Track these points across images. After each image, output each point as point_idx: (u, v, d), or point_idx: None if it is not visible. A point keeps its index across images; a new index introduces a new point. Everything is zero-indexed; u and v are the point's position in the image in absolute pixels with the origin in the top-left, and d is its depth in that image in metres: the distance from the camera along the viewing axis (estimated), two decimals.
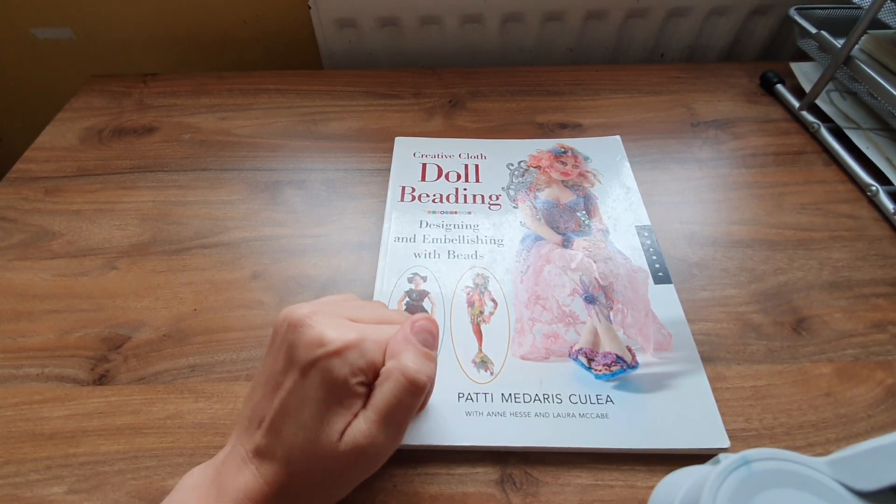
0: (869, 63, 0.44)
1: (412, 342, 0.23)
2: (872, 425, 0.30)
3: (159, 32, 0.62)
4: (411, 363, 0.22)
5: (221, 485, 0.22)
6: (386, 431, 0.22)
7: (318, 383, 0.22)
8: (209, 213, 0.42)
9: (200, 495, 0.22)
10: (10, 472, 0.28)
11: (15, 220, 0.42)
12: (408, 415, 0.22)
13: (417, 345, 0.23)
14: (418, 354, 0.22)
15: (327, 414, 0.21)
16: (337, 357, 0.21)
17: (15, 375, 0.32)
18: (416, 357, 0.22)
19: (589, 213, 0.41)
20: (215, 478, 0.23)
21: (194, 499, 0.22)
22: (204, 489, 0.22)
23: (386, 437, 0.22)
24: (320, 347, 0.22)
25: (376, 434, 0.21)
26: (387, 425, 0.22)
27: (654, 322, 0.34)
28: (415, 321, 0.23)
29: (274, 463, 0.22)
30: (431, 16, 0.58)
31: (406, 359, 0.22)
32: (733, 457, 0.20)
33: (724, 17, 0.60)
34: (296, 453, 0.22)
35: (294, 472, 0.22)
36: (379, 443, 0.22)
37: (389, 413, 0.22)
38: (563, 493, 0.28)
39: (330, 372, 0.21)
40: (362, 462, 0.22)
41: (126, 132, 0.50)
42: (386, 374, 0.22)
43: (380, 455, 0.22)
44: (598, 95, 0.53)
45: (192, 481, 0.23)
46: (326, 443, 0.21)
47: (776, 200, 0.43)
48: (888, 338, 0.34)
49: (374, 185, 0.44)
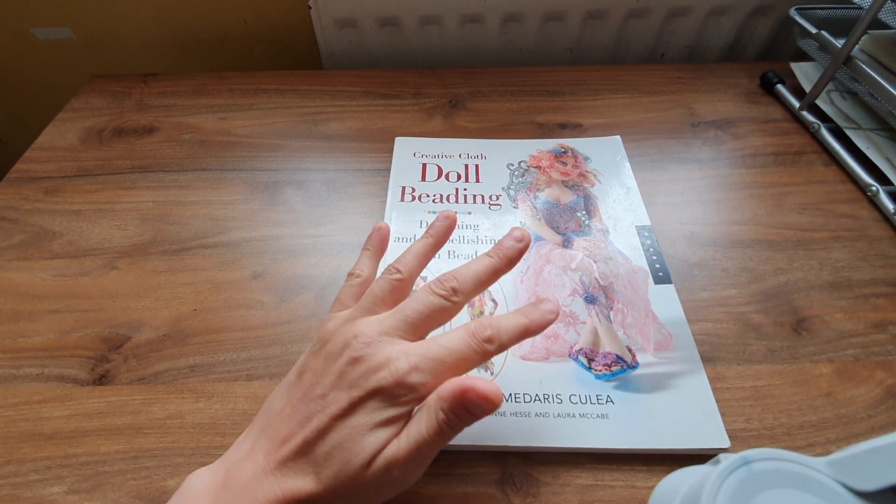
0: (869, 63, 0.44)
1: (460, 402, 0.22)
2: (872, 425, 0.30)
3: (159, 32, 0.62)
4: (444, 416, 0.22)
5: (236, 492, 0.22)
6: (415, 460, 0.22)
7: (368, 411, 0.22)
8: (209, 214, 0.42)
9: (210, 501, 0.22)
10: (10, 472, 0.28)
11: (15, 221, 0.42)
12: (432, 453, 0.23)
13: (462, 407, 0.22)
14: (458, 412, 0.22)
15: (367, 436, 0.22)
16: (396, 387, 0.22)
17: (15, 375, 0.32)
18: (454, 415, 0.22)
19: (589, 214, 0.41)
20: (226, 482, 0.22)
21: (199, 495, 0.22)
22: (213, 494, 0.22)
23: (415, 464, 0.22)
24: (379, 375, 0.22)
25: (406, 461, 0.22)
26: (417, 455, 0.22)
27: (655, 322, 0.34)
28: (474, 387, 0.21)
29: (299, 479, 0.22)
30: (431, 16, 0.58)
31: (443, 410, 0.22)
32: (733, 457, 0.20)
33: (724, 17, 0.60)
34: (326, 474, 0.22)
35: (318, 491, 0.22)
36: (408, 469, 0.22)
37: (419, 447, 0.22)
38: (563, 493, 0.28)
39: (392, 397, 0.22)
40: (391, 484, 0.22)
41: (126, 132, 0.50)
42: (426, 407, 0.22)
43: (409, 478, 0.23)
44: (598, 95, 0.53)
45: (199, 483, 0.23)
46: (361, 463, 0.21)
47: (776, 200, 0.43)
48: (888, 338, 0.34)
49: (374, 186, 0.44)
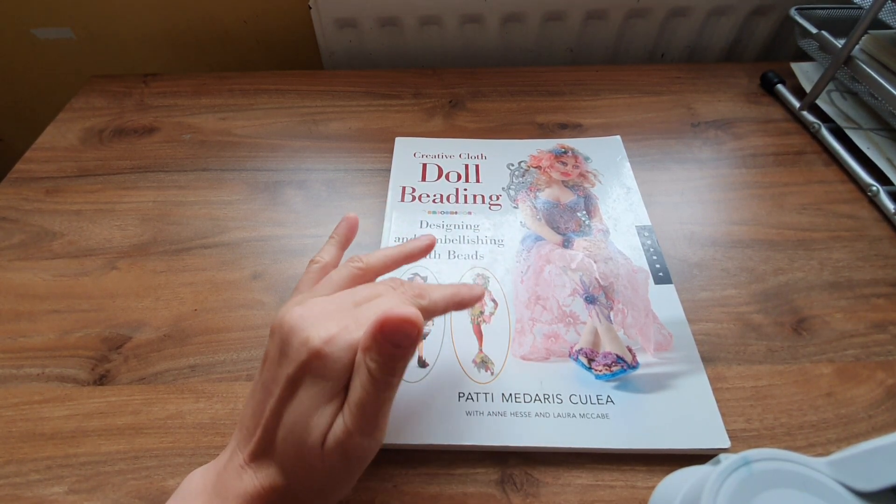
0: (869, 63, 0.44)
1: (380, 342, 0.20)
2: (873, 426, 0.30)
3: (159, 32, 0.62)
4: (375, 364, 0.20)
5: (221, 490, 0.22)
6: (364, 427, 0.21)
7: (308, 387, 0.21)
8: (209, 214, 0.42)
9: (203, 501, 0.22)
10: (10, 472, 0.28)
11: (16, 221, 0.42)
12: (381, 408, 0.21)
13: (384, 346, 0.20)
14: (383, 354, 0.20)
15: (313, 417, 0.21)
16: (322, 359, 0.21)
17: (15, 375, 0.33)
18: (381, 357, 0.21)
19: (589, 214, 0.41)
20: (217, 482, 0.23)
21: (195, 493, 0.23)
22: (206, 495, 0.22)
23: (365, 432, 0.21)
24: (305, 351, 0.21)
25: (354, 431, 0.21)
26: (364, 421, 0.21)
27: (655, 322, 0.34)
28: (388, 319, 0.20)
29: (270, 468, 0.22)
30: (431, 16, 0.58)
31: (371, 358, 0.21)
32: (734, 457, 0.20)
33: (725, 17, 0.60)
34: (288, 459, 0.22)
35: (288, 477, 0.22)
36: (359, 440, 0.21)
37: (363, 409, 0.21)
38: (564, 494, 0.28)
39: (316, 374, 0.21)
40: (348, 462, 0.22)
41: (126, 132, 0.50)
42: (356, 369, 0.21)
43: (364, 451, 0.22)
44: (599, 95, 0.53)
45: (193, 486, 0.23)
46: (312, 446, 0.21)
47: (776, 200, 0.43)
48: (889, 338, 0.34)
49: (375, 186, 0.44)
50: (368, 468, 0.28)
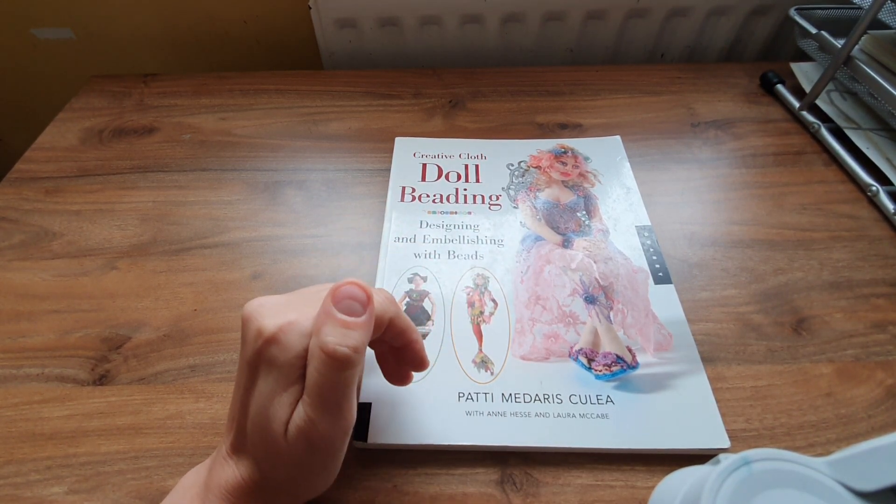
0: (869, 63, 0.44)
1: (331, 314, 0.20)
2: (873, 425, 0.30)
3: (159, 32, 0.62)
4: (330, 337, 0.20)
5: (210, 483, 0.23)
6: (324, 413, 0.20)
7: (264, 374, 0.21)
8: (209, 214, 0.42)
9: (193, 494, 0.23)
10: (10, 472, 0.28)
11: (15, 221, 0.42)
12: (341, 391, 0.21)
13: (336, 316, 0.20)
14: (336, 325, 0.20)
15: (273, 406, 0.21)
16: (274, 344, 0.21)
17: (15, 375, 0.33)
18: (335, 329, 0.20)
19: (589, 214, 0.41)
20: (208, 476, 0.23)
21: (188, 499, 0.23)
22: (197, 488, 0.23)
23: (326, 419, 0.20)
24: (260, 339, 0.21)
25: (315, 418, 0.20)
26: (324, 407, 0.20)
27: (655, 322, 0.34)
28: (336, 288, 0.21)
29: (246, 459, 0.22)
30: (431, 16, 0.58)
31: (325, 333, 0.20)
32: (733, 457, 0.20)
33: (724, 17, 0.60)
34: (257, 450, 0.22)
35: (262, 467, 0.22)
36: (321, 427, 0.20)
37: (321, 394, 0.20)
38: (564, 494, 0.28)
39: (273, 362, 0.21)
40: (314, 451, 0.21)
41: (126, 132, 0.50)
42: (310, 354, 0.21)
43: (329, 439, 0.21)
44: (599, 96, 0.53)
45: (188, 482, 0.24)
46: (275, 436, 0.21)
47: (776, 200, 0.43)
48: (888, 338, 0.34)
49: (374, 186, 0.44)
50: (368, 468, 0.28)
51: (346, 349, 0.20)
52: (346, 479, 0.28)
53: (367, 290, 0.21)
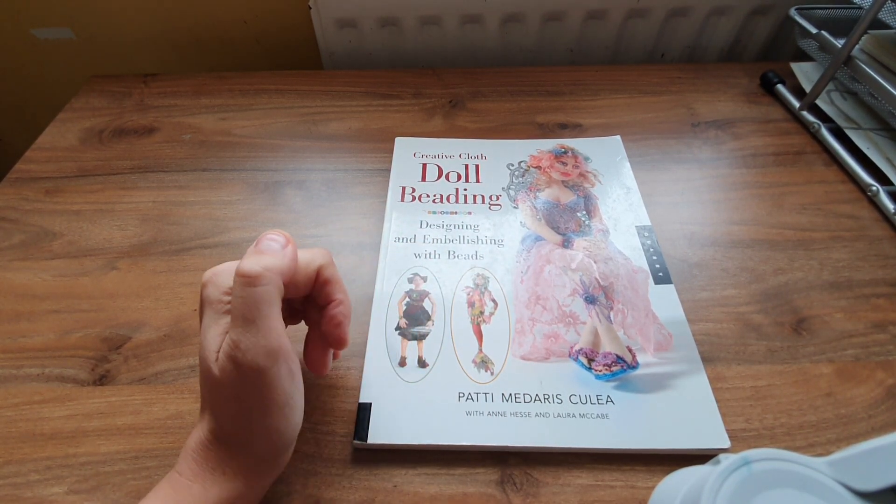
0: (869, 63, 0.44)
1: (248, 251, 0.24)
2: (873, 425, 0.30)
3: (159, 32, 0.62)
4: (243, 262, 0.23)
5: (183, 453, 0.23)
6: (245, 332, 0.22)
7: (203, 315, 0.23)
8: (209, 214, 0.42)
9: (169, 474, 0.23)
10: (10, 472, 0.28)
11: (15, 221, 0.42)
12: (256, 308, 0.22)
13: (253, 249, 0.24)
14: (251, 254, 0.23)
15: (206, 339, 0.23)
16: (208, 285, 0.24)
17: (15, 375, 0.33)
18: (248, 257, 0.23)
19: (589, 214, 0.41)
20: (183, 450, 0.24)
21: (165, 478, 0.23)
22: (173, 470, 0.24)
23: (247, 337, 0.22)
24: (202, 286, 0.24)
25: (236, 338, 0.22)
26: (243, 326, 0.22)
27: (655, 322, 0.34)
28: (261, 238, 0.24)
29: (205, 411, 0.24)
30: (431, 16, 0.58)
31: (240, 262, 0.23)
32: (733, 457, 0.20)
33: (725, 17, 0.60)
34: (203, 389, 0.23)
35: (212, 410, 0.23)
36: (242, 346, 0.21)
37: (239, 313, 0.22)
38: (564, 494, 0.28)
39: (206, 299, 0.23)
40: (241, 373, 0.22)
41: (126, 132, 0.50)
42: (233, 286, 0.23)
43: (252, 359, 0.22)
44: (599, 96, 0.53)
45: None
46: (208, 367, 0.22)
47: (776, 200, 0.43)
48: (888, 338, 0.34)
49: (374, 186, 0.44)
50: (368, 468, 0.28)
51: (255, 266, 0.22)
52: (346, 478, 0.28)
53: (286, 235, 0.24)
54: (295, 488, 0.28)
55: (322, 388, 0.32)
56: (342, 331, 0.27)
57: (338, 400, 0.31)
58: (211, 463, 0.23)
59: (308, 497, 0.27)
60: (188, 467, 0.23)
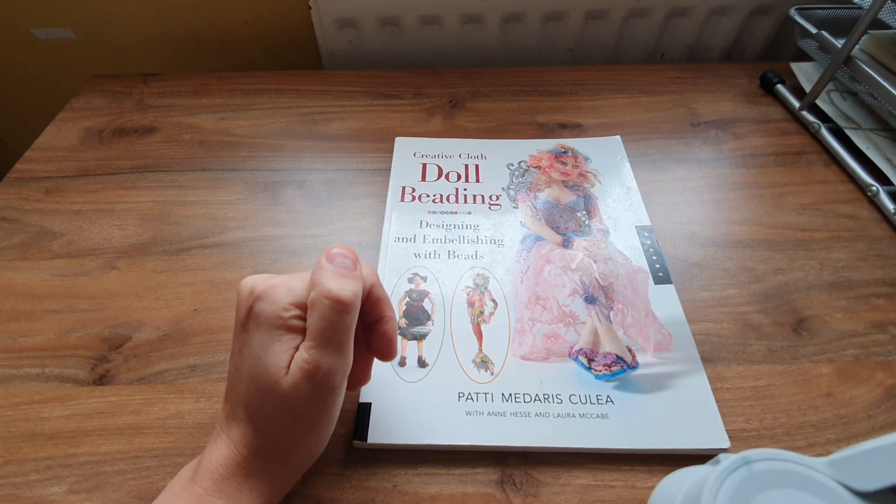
0: (869, 63, 0.44)
1: (328, 268, 0.23)
2: (873, 426, 0.30)
3: (159, 32, 0.62)
4: (331, 284, 0.22)
5: (198, 469, 0.23)
6: (326, 354, 0.22)
7: (254, 330, 0.23)
8: (209, 213, 0.42)
9: (178, 489, 0.23)
10: (10, 472, 0.28)
11: (15, 220, 0.42)
12: (343, 333, 0.23)
13: (333, 268, 0.23)
14: (336, 275, 0.23)
15: (269, 355, 0.22)
16: (264, 300, 0.23)
17: (15, 375, 0.33)
18: (335, 278, 0.23)
19: (589, 214, 0.41)
20: (196, 465, 0.24)
21: (177, 481, 0.23)
22: (182, 482, 0.23)
23: (328, 358, 0.22)
24: (251, 296, 0.23)
25: (317, 358, 0.22)
26: (325, 348, 0.22)
27: (655, 322, 0.34)
28: (328, 250, 0.24)
29: (239, 423, 0.23)
30: (431, 16, 0.58)
31: (326, 282, 0.22)
32: (733, 457, 0.20)
33: (725, 17, 0.60)
34: (252, 404, 0.23)
35: (257, 425, 0.23)
36: (323, 365, 0.22)
37: (324, 336, 0.22)
38: (564, 494, 0.28)
39: (260, 314, 0.23)
40: (314, 391, 0.22)
41: (126, 132, 0.50)
42: (311, 304, 0.23)
43: (332, 375, 0.22)
44: (599, 95, 0.53)
45: (180, 476, 0.24)
46: (274, 382, 0.22)
47: (776, 200, 0.43)
48: (888, 338, 0.34)
49: (374, 186, 0.44)
50: (368, 468, 0.28)
51: (349, 293, 0.22)
52: (346, 478, 0.28)
53: (353, 252, 0.24)
54: (295, 488, 0.28)
55: None
56: (393, 346, 0.27)
57: None
58: (239, 479, 0.22)
59: (308, 497, 0.27)
60: (212, 483, 0.22)
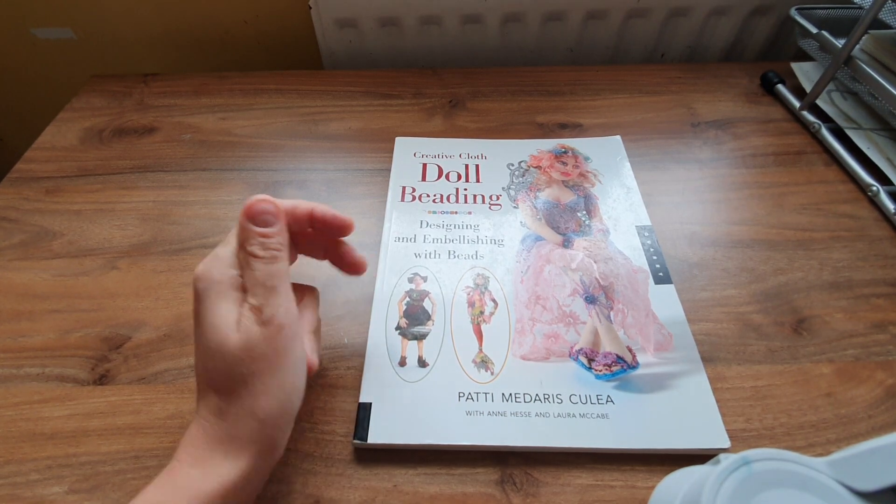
0: (870, 63, 0.44)
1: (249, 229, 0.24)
2: (873, 425, 0.30)
3: (159, 32, 0.62)
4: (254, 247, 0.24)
5: (179, 444, 0.23)
6: (265, 297, 0.23)
7: (200, 308, 0.24)
8: (209, 213, 0.42)
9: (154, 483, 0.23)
10: (10, 472, 0.28)
11: (16, 220, 0.42)
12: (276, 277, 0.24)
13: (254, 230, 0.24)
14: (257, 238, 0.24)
15: (216, 318, 0.23)
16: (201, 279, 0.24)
17: (15, 375, 0.33)
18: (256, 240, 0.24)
19: (589, 213, 0.41)
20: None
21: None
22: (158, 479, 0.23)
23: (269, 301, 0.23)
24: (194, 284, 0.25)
25: (259, 303, 0.23)
26: (263, 293, 0.23)
27: (655, 322, 0.34)
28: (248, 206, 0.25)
29: (206, 397, 0.24)
30: (431, 16, 0.58)
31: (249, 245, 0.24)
32: (733, 457, 0.20)
33: (725, 17, 0.60)
34: (212, 371, 0.23)
35: (219, 389, 0.23)
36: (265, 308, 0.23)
37: (259, 284, 0.24)
38: (564, 493, 0.28)
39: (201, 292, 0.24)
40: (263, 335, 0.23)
41: (126, 132, 0.50)
42: (242, 264, 0.24)
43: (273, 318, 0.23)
44: (599, 95, 0.53)
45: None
46: (225, 337, 0.23)
47: (776, 200, 0.43)
48: (888, 338, 0.34)
49: (375, 185, 0.44)
50: (368, 468, 0.28)
51: (271, 252, 0.24)
52: (346, 478, 0.28)
53: (276, 203, 0.25)
54: (295, 488, 0.28)
55: (322, 388, 0.32)
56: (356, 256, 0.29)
57: (338, 400, 0.31)
58: (212, 443, 0.23)
59: (308, 497, 0.27)
60: (187, 453, 0.23)
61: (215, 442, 0.23)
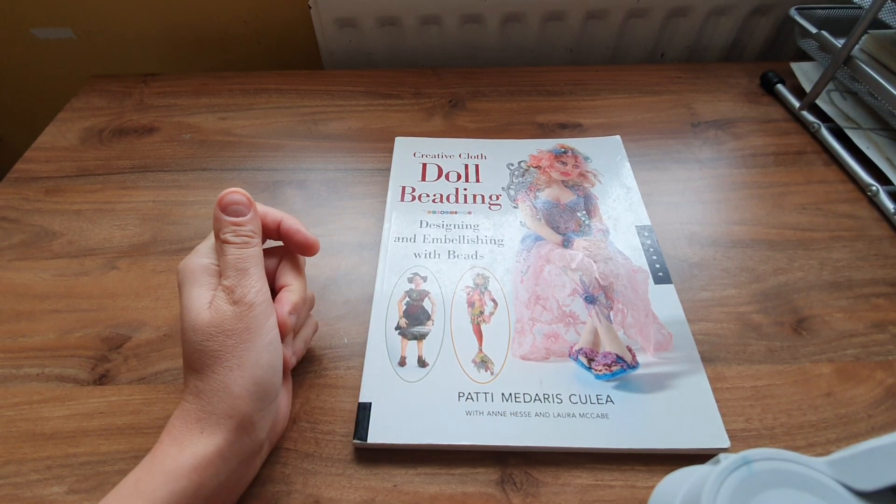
0: (869, 63, 0.44)
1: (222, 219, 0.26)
2: (872, 425, 0.30)
3: (159, 32, 0.62)
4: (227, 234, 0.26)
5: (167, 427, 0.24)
6: (237, 278, 0.25)
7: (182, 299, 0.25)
8: (209, 213, 0.42)
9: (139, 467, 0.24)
10: (10, 472, 0.28)
11: (16, 220, 0.42)
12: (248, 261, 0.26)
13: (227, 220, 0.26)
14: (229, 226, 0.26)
15: (192, 300, 0.25)
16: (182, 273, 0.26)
17: (15, 375, 0.33)
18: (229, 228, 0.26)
19: (589, 213, 0.41)
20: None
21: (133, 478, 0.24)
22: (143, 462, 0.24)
23: (240, 281, 0.25)
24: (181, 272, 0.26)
25: (232, 284, 0.25)
26: (237, 274, 0.25)
27: (655, 322, 0.34)
28: (221, 198, 0.26)
29: (188, 382, 0.25)
30: (431, 16, 0.58)
31: (223, 233, 0.26)
32: (733, 457, 0.20)
33: (725, 17, 0.60)
34: (188, 351, 0.24)
35: (195, 367, 0.24)
36: (237, 287, 0.25)
37: (232, 266, 0.25)
38: (563, 493, 0.28)
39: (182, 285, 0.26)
40: (234, 312, 0.24)
41: (126, 132, 0.50)
42: (217, 251, 0.26)
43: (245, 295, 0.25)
44: (599, 95, 0.53)
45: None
46: (198, 314, 0.24)
47: (776, 200, 0.43)
48: (888, 338, 0.34)
49: (374, 185, 0.44)
50: (368, 468, 0.28)
51: (243, 238, 0.26)
52: (346, 478, 0.28)
53: (247, 195, 0.27)
54: (295, 488, 0.28)
55: (322, 388, 0.32)
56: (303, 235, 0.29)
57: (338, 400, 0.31)
58: (189, 421, 0.23)
59: (308, 496, 0.27)
60: (168, 434, 0.24)
61: (192, 420, 0.23)
